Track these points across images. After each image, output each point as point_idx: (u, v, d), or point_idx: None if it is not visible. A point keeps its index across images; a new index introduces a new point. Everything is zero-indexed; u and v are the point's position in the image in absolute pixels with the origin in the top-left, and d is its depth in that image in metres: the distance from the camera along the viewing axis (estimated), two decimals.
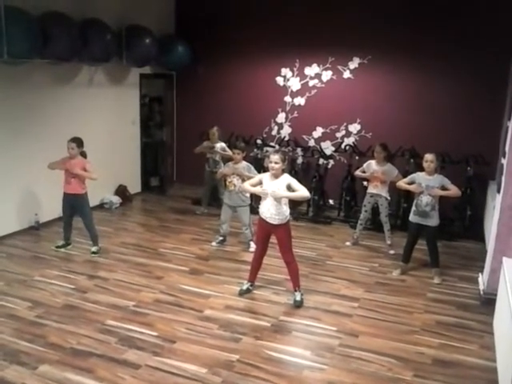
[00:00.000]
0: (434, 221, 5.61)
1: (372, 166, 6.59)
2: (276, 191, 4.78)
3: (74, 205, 6.15)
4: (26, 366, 3.88)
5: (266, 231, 5.05)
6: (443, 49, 7.65)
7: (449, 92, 7.75)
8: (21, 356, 4.00)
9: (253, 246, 6.28)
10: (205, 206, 8.19)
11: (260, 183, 5.03)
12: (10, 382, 3.67)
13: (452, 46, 7.59)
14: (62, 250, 6.31)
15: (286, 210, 4.92)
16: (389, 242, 6.64)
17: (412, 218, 5.74)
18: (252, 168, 6.39)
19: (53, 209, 6.90)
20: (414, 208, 5.70)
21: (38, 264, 5.90)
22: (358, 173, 6.82)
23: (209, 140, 7.80)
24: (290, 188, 4.82)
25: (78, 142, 6.02)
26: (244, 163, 6.41)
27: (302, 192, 4.78)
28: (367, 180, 6.80)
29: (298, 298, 5.05)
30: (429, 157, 5.62)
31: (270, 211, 4.87)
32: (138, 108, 9.11)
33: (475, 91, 7.55)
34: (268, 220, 4.92)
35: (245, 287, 5.29)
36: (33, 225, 6.99)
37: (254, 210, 5.38)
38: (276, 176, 4.86)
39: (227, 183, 6.51)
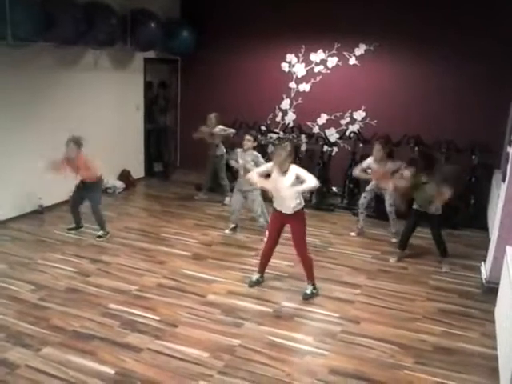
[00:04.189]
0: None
1: (372, 166, 6.39)
2: (286, 191, 4.69)
3: (86, 189, 6.13)
4: (29, 347, 3.91)
5: (279, 221, 4.93)
6: (450, 37, 7.57)
7: (455, 80, 7.68)
8: (24, 338, 4.02)
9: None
10: (205, 192, 8.19)
11: (268, 174, 4.89)
12: (13, 363, 3.71)
13: (459, 33, 7.50)
14: (73, 232, 6.36)
15: (300, 198, 4.83)
16: (393, 230, 6.62)
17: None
18: (260, 157, 6.27)
19: (57, 193, 6.91)
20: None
21: (42, 247, 5.92)
22: (358, 173, 6.56)
23: (206, 125, 7.77)
24: (298, 178, 4.69)
25: (77, 141, 5.84)
26: (252, 152, 6.28)
27: (309, 184, 4.64)
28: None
29: (308, 291, 4.97)
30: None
31: (286, 204, 4.79)
32: (143, 93, 9.07)
33: (481, 79, 7.48)
34: (282, 210, 4.83)
35: (254, 278, 5.18)
36: (37, 208, 7.00)
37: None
38: (282, 168, 4.71)
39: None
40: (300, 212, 4.85)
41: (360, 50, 8.29)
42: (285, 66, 8.87)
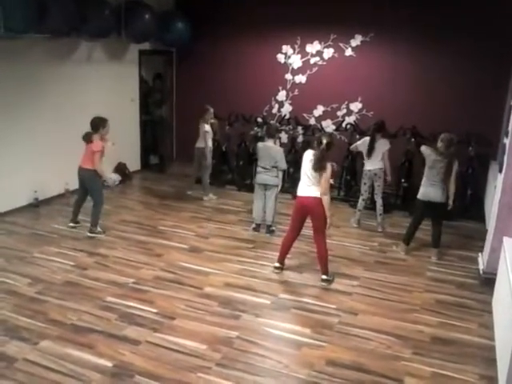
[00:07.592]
0: None
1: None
2: None
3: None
4: (26, 341, 3.90)
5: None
6: (446, 27, 7.53)
7: (451, 71, 7.66)
8: (21, 332, 4.01)
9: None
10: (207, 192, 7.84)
11: None
12: (11, 357, 3.69)
13: (455, 24, 7.46)
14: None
15: None
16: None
17: None
18: None
19: (52, 186, 6.88)
20: None
21: (38, 241, 5.89)
22: None
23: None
24: None
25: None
26: None
27: None
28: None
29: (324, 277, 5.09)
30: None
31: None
32: (138, 85, 9.01)
33: (478, 70, 7.46)
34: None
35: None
36: (32, 202, 6.96)
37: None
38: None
39: None
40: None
41: (356, 41, 8.24)
42: (281, 58, 8.82)
